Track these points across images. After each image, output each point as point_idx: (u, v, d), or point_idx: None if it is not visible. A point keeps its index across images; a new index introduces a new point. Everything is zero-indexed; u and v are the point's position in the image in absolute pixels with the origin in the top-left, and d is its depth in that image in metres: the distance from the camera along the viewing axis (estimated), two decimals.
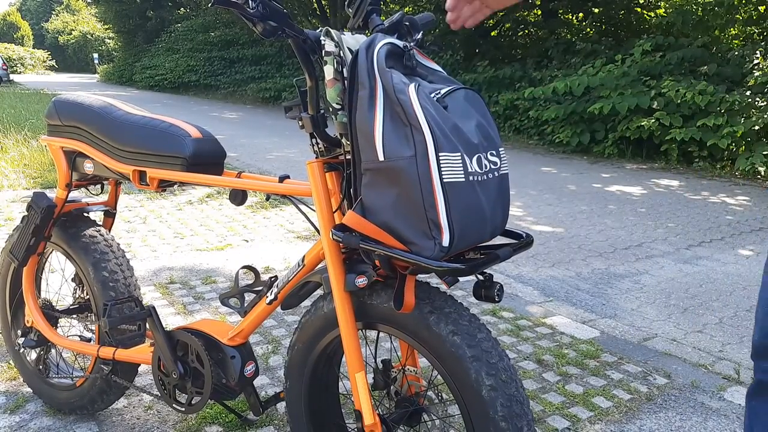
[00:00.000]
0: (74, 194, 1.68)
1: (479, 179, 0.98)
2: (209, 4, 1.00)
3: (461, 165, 0.96)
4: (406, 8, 13.72)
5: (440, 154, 0.93)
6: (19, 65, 40.19)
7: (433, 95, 1.00)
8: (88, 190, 1.71)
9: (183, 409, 1.44)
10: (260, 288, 1.39)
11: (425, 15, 1.25)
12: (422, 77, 1.07)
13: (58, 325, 1.84)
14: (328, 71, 1.04)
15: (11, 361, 2.06)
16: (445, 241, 0.94)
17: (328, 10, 16.28)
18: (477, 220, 0.98)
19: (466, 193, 0.96)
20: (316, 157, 1.16)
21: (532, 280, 3.18)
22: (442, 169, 0.93)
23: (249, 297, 2.36)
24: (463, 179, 0.96)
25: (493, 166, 1.02)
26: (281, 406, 1.85)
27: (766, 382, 1.03)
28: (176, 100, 17.82)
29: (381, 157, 0.96)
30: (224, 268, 3.19)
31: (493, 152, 1.03)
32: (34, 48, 50.61)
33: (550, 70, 9.37)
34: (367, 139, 0.98)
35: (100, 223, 1.73)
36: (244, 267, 1.46)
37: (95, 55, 42.16)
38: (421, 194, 0.93)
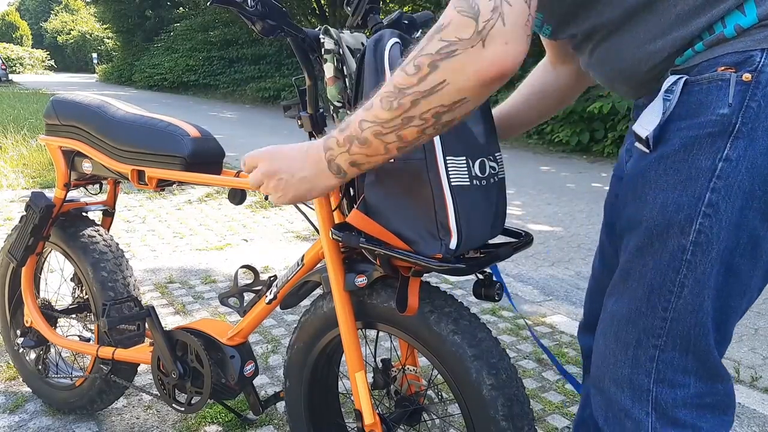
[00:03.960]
0: (73, 194, 1.68)
1: (482, 184, 0.98)
2: (208, 3, 0.99)
3: (466, 169, 0.95)
4: (406, 7, 13.71)
5: (447, 157, 0.92)
6: (17, 65, 40.24)
7: None
8: (86, 189, 1.70)
9: (182, 408, 1.44)
10: (259, 287, 1.39)
11: (424, 13, 1.24)
12: None
13: (57, 324, 1.83)
14: (328, 69, 1.04)
15: (10, 361, 2.06)
16: (453, 243, 0.93)
17: (327, 9, 16.28)
18: (482, 224, 0.98)
19: (471, 198, 0.95)
20: None
21: (532, 279, 3.18)
22: (450, 172, 0.93)
23: (248, 296, 2.35)
24: (468, 183, 0.95)
25: (492, 171, 1.01)
26: (281, 405, 1.85)
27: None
28: (175, 100, 17.82)
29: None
30: (223, 267, 3.19)
31: (492, 157, 1.02)
32: (32, 48, 50.64)
33: None
34: None
35: (99, 222, 1.72)
36: (243, 266, 1.46)
37: (94, 55, 42.18)
38: (432, 197, 0.92)
